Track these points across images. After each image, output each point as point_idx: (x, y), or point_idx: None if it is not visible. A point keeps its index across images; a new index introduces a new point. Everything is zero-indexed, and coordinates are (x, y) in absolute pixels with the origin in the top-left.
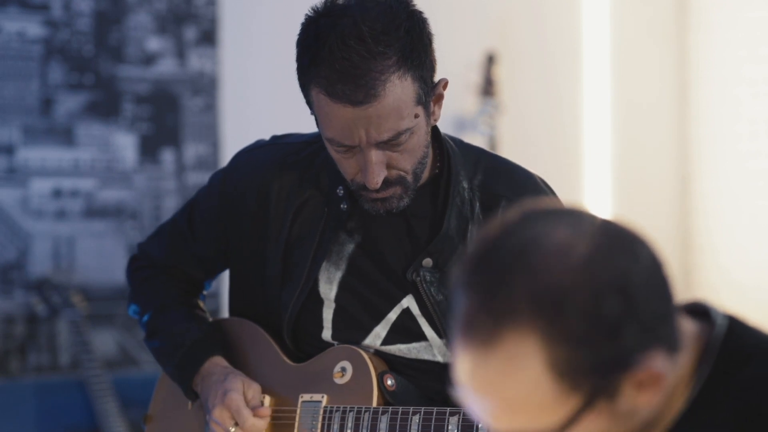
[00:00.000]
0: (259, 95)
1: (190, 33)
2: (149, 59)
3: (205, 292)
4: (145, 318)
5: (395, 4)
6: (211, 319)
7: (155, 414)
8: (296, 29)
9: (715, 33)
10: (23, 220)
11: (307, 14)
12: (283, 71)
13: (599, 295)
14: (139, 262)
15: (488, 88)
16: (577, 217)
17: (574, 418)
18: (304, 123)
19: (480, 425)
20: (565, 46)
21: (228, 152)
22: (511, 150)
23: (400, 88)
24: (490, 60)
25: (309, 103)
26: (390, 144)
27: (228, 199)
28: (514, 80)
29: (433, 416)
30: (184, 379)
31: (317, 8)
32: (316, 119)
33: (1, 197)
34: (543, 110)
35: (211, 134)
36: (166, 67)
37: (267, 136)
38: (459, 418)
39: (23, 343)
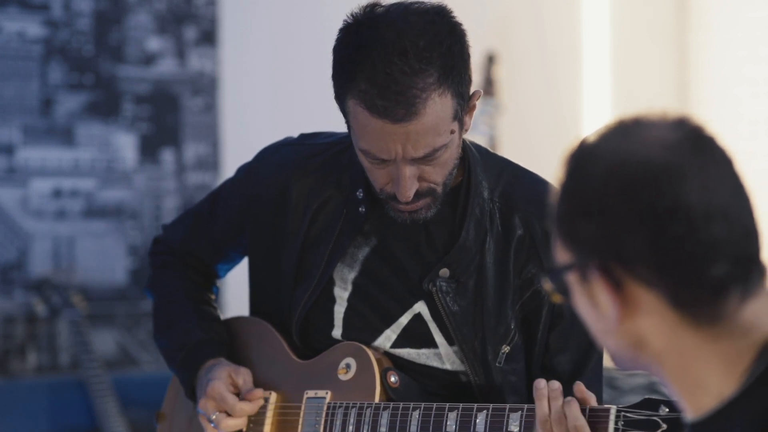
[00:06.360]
0: (259, 95)
1: (190, 33)
2: (149, 59)
3: (218, 284)
4: (155, 310)
5: (437, 18)
6: (220, 316)
7: (167, 412)
8: (296, 29)
9: (715, 33)
10: (23, 220)
11: (345, 21)
12: (283, 71)
13: (607, 177)
14: (159, 247)
15: (488, 88)
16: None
17: (562, 270)
18: (304, 123)
19: (477, 420)
20: (565, 46)
21: (228, 152)
22: (511, 150)
23: (440, 106)
24: (490, 60)
25: (344, 112)
26: (425, 159)
27: (248, 194)
28: (514, 80)
29: (433, 412)
30: (185, 380)
31: (357, 16)
32: (350, 129)
33: (1, 197)
34: (543, 110)
35: (211, 134)
36: (166, 67)
37: (267, 136)
38: (457, 414)
39: (23, 343)
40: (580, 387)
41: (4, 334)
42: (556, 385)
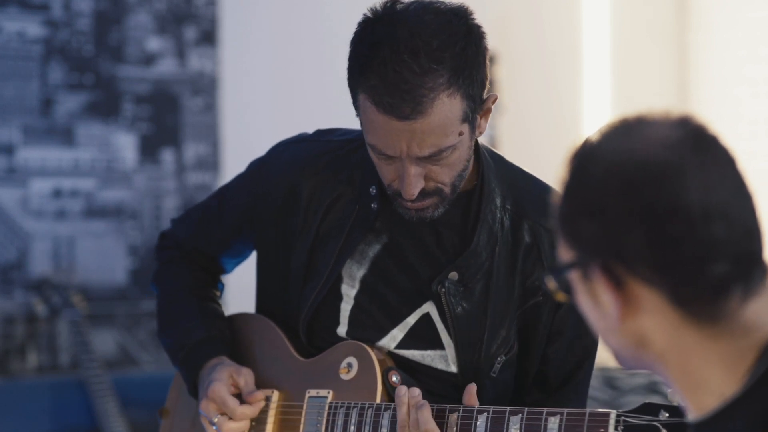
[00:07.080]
0: (259, 95)
1: (190, 33)
2: (149, 59)
3: (223, 280)
4: (159, 306)
5: (454, 19)
6: (224, 313)
7: (171, 408)
8: (296, 29)
9: (715, 33)
10: (23, 220)
11: (365, 14)
12: (283, 71)
13: (608, 177)
14: (166, 241)
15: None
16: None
17: (564, 268)
18: (304, 123)
19: (478, 422)
20: (565, 46)
21: (228, 152)
22: (511, 150)
23: (448, 106)
24: (490, 60)
25: (356, 106)
26: (431, 159)
27: (257, 191)
28: (514, 80)
29: (433, 414)
30: (187, 379)
31: (376, 11)
32: (361, 123)
33: (1, 197)
34: (543, 110)
35: (211, 134)
36: (166, 67)
37: (267, 136)
38: (458, 416)
39: (23, 343)
40: (470, 390)
41: (4, 334)
42: (417, 392)
